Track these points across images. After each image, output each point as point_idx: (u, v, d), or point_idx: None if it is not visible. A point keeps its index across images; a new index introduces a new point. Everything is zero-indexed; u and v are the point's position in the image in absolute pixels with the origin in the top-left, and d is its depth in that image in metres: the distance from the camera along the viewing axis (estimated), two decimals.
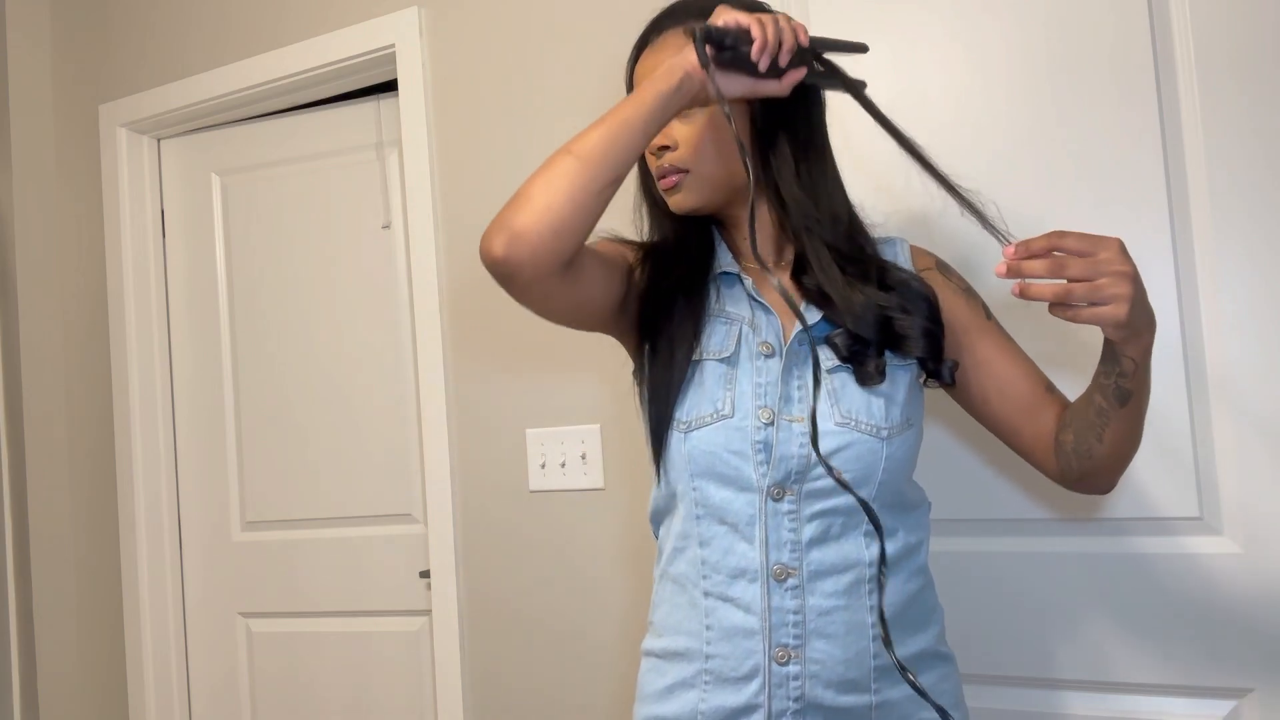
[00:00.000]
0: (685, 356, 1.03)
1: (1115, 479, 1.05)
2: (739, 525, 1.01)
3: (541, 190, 0.93)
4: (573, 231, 0.94)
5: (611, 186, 0.95)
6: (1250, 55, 1.25)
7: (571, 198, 0.93)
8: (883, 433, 1.01)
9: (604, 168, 0.94)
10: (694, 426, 1.02)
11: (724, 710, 1.01)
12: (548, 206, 0.92)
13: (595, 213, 0.95)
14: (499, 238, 0.93)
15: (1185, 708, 1.29)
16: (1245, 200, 1.25)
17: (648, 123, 0.96)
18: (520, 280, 0.95)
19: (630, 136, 0.95)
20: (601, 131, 0.95)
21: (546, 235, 0.92)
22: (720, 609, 1.02)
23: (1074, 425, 1.02)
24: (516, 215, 0.93)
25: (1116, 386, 0.94)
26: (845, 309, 1.01)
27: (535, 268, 0.94)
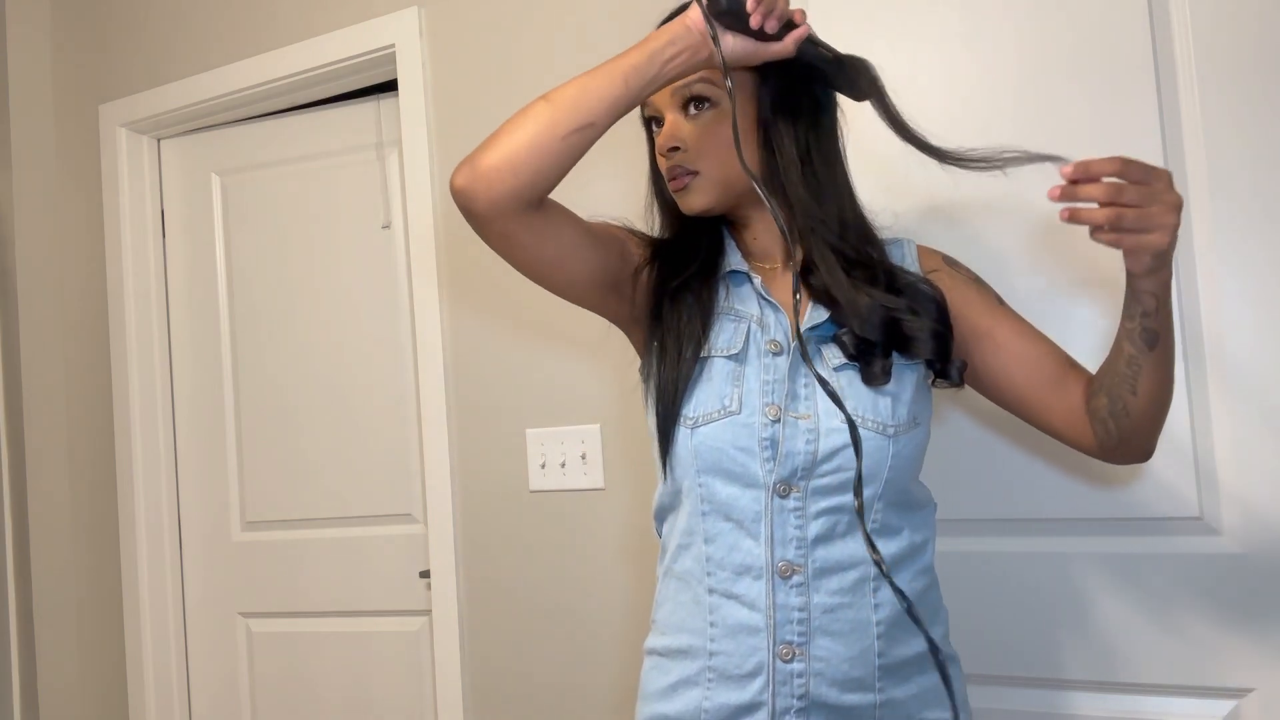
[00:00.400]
0: (694, 353, 1.03)
1: (1153, 440, 1.03)
2: (745, 522, 1.01)
3: (508, 129, 0.96)
4: (532, 171, 0.95)
5: (578, 133, 0.96)
6: (1250, 55, 1.25)
7: (534, 137, 0.95)
8: (889, 430, 1.01)
9: (572, 113, 0.95)
10: (701, 423, 1.02)
11: (728, 708, 1.01)
12: (510, 144, 0.95)
13: (558, 156, 0.96)
14: (462, 170, 0.96)
15: (1185, 708, 1.29)
16: (1245, 199, 1.25)
17: (630, 75, 0.96)
18: (476, 212, 0.97)
19: (609, 86, 0.96)
20: (582, 80, 0.97)
21: (505, 171, 0.95)
22: (725, 606, 1.02)
23: (1105, 386, 1.00)
24: (481, 151, 0.96)
25: (1143, 328, 0.94)
26: (851, 311, 1.01)
27: (489, 202, 0.96)
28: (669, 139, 1.06)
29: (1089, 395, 1.04)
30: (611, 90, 0.96)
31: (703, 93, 1.04)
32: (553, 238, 1.02)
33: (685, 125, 1.05)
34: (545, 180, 0.96)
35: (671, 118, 1.06)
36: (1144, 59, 1.31)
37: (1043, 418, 1.08)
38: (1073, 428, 1.06)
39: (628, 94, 0.96)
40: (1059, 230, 1.34)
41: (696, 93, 1.05)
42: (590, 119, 0.96)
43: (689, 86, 1.04)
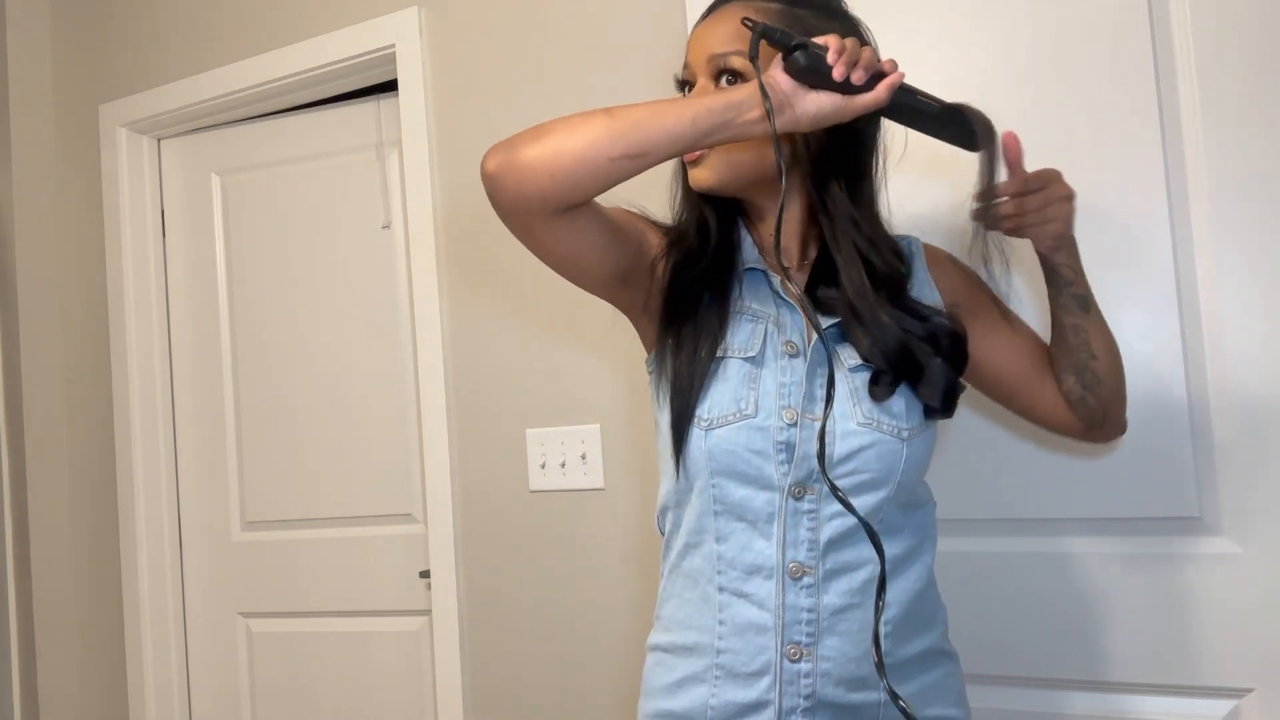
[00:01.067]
0: (710, 352, 1.02)
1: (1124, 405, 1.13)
2: (757, 523, 1.01)
3: (559, 130, 0.91)
4: (570, 183, 0.91)
5: (627, 160, 0.91)
6: (1250, 54, 1.25)
7: (583, 149, 0.90)
8: (904, 433, 1.00)
9: (630, 137, 0.90)
10: (715, 424, 1.00)
11: (734, 706, 1.01)
12: (557, 149, 0.90)
13: (602, 176, 0.91)
14: (498, 156, 0.92)
15: (1185, 708, 1.29)
16: (1245, 198, 1.25)
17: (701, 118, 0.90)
18: (500, 203, 0.94)
19: (676, 122, 0.90)
20: (651, 106, 0.92)
21: (541, 173, 0.91)
22: (734, 605, 1.02)
23: (1067, 365, 1.10)
24: (525, 143, 0.91)
25: (1072, 296, 1.05)
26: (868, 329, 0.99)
27: (517, 199, 0.93)
28: None
29: (1058, 379, 1.12)
30: (678, 127, 0.90)
31: (737, 67, 1.01)
32: (575, 239, 0.99)
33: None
34: (581, 194, 0.93)
35: (703, 84, 1.03)
36: (1143, 56, 1.31)
37: (1031, 407, 1.15)
38: (1057, 414, 1.14)
39: (693, 135, 0.91)
40: None
41: (731, 65, 1.01)
42: (646, 149, 0.91)
43: (725, 58, 1.01)
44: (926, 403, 1.01)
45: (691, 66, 1.05)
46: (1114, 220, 1.32)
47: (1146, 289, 1.30)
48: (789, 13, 1.01)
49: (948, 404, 1.03)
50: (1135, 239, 1.30)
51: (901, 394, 1.01)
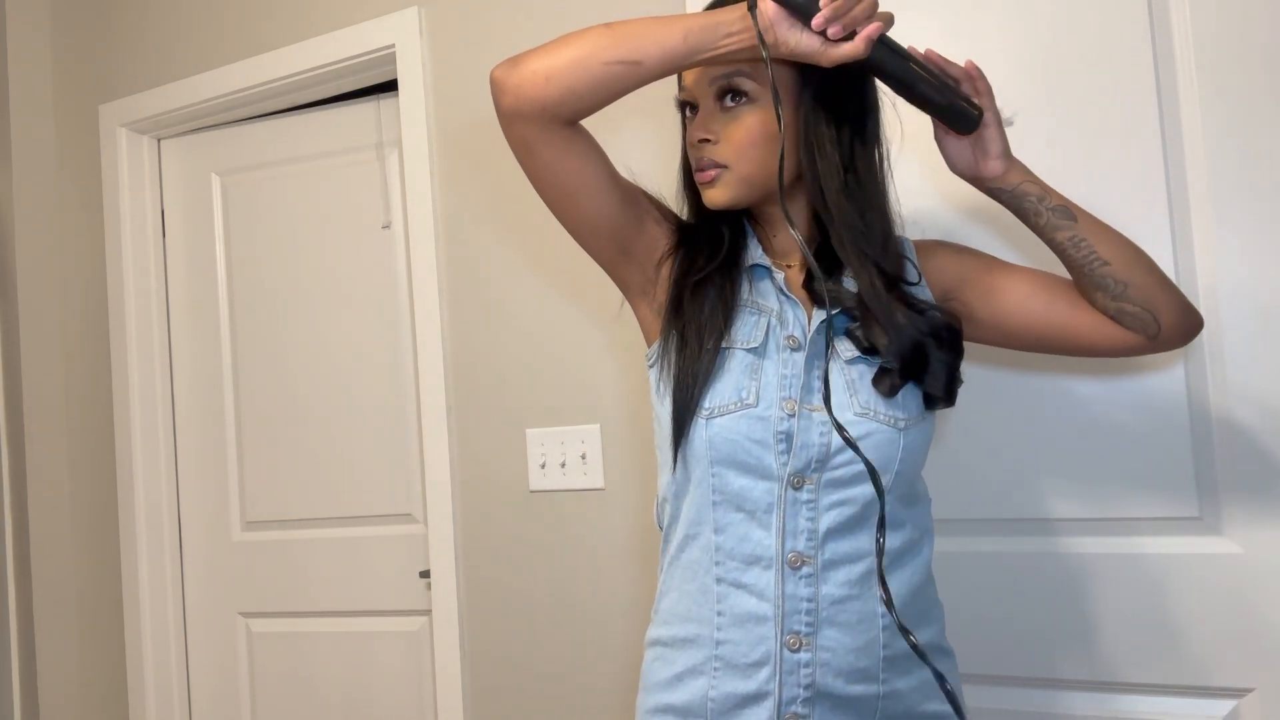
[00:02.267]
0: (715, 345, 1.03)
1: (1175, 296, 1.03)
2: (756, 513, 1.01)
3: (561, 40, 0.97)
4: (565, 86, 0.95)
5: (621, 65, 0.95)
6: (1250, 54, 1.25)
7: (580, 54, 0.95)
8: (900, 423, 1.01)
9: (625, 43, 0.94)
10: (717, 414, 1.02)
11: (734, 697, 1.01)
12: (555, 54, 0.96)
13: (596, 81, 0.95)
14: (506, 63, 0.98)
15: (1185, 708, 1.29)
16: (1244, 199, 1.25)
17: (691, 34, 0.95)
18: (501, 107, 0.98)
19: (668, 34, 0.94)
20: (645, 20, 0.96)
21: (539, 75, 0.95)
22: (733, 595, 1.02)
23: (1088, 283, 1.03)
24: (531, 53, 0.97)
25: (1051, 210, 1.03)
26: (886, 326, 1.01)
27: (515, 100, 0.97)
28: (701, 130, 1.04)
29: (1092, 304, 1.05)
30: (670, 39, 0.94)
31: (741, 86, 1.02)
32: (572, 162, 1.01)
33: (719, 117, 1.04)
34: (575, 99, 0.96)
35: (706, 106, 1.05)
36: (1143, 57, 1.31)
37: (1075, 339, 1.07)
38: (1109, 334, 1.05)
39: (684, 50, 0.95)
40: None
41: (735, 85, 1.02)
42: (640, 57, 0.95)
43: (729, 78, 1.02)
44: (931, 393, 1.03)
45: (690, 89, 1.07)
46: (1114, 220, 1.32)
47: None
48: None
49: (950, 392, 1.04)
50: (1135, 238, 1.30)
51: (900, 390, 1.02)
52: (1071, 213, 1.02)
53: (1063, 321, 1.06)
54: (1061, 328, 1.07)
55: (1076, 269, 1.03)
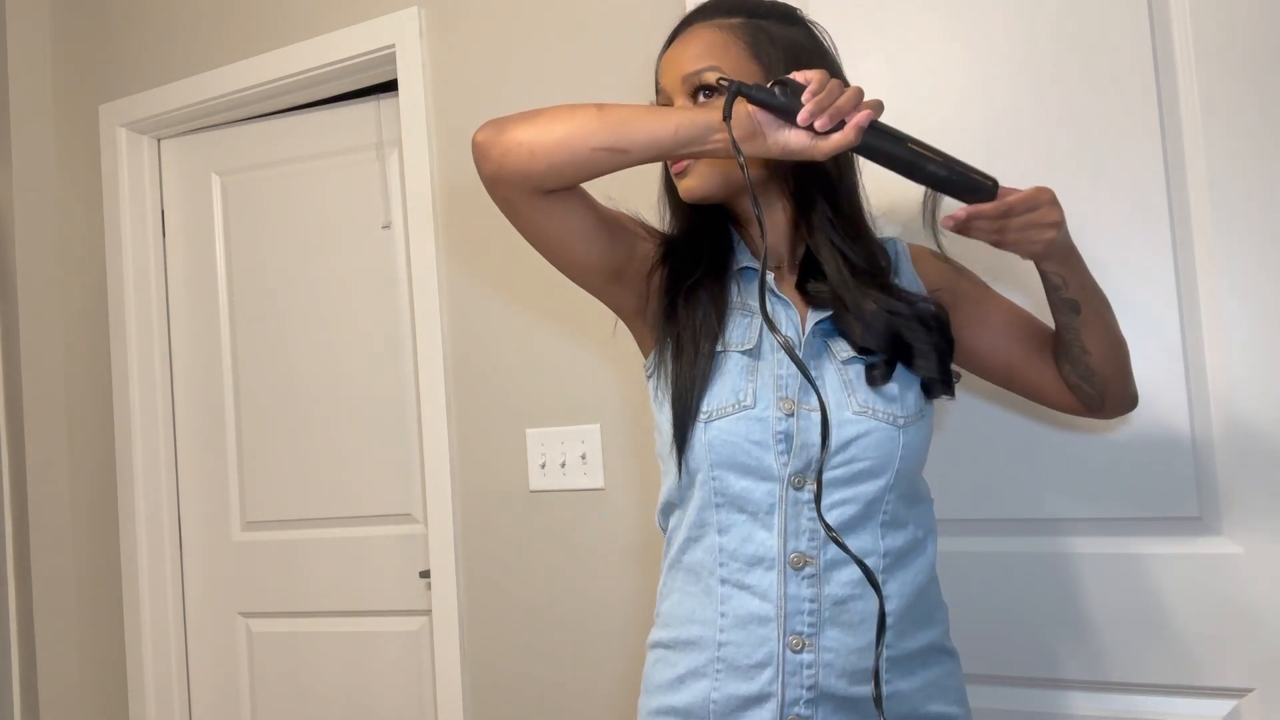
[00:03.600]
0: (710, 349, 1.04)
1: (1128, 386, 1.13)
2: (758, 514, 1.02)
3: (550, 114, 0.96)
4: (549, 164, 0.95)
5: (607, 152, 0.94)
6: (1250, 54, 1.25)
7: (568, 135, 0.94)
8: (899, 420, 1.02)
9: (615, 130, 0.94)
10: (715, 417, 1.03)
11: (736, 699, 1.01)
12: (542, 128, 0.95)
13: (581, 164, 0.95)
14: (489, 129, 0.97)
15: (1185, 708, 1.29)
16: (1245, 199, 1.25)
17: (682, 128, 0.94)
18: (483, 172, 0.98)
19: (660, 126, 0.94)
20: (639, 109, 0.95)
21: (524, 150, 0.95)
22: (736, 596, 1.02)
23: (1063, 355, 1.10)
24: (515, 120, 0.96)
25: (1061, 300, 1.05)
26: (856, 318, 1.03)
27: (499, 171, 0.97)
28: None
29: (1057, 364, 1.13)
30: (661, 131, 0.94)
31: (712, 83, 1.04)
32: (557, 220, 1.01)
33: None
34: (559, 178, 0.96)
35: (680, 103, 1.06)
36: (1144, 58, 1.31)
37: (1034, 388, 1.16)
38: (1058, 396, 1.15)
39: (673, 143, 0.94)
40: None
41: (706, 82, 1.04)
42: (627, 145, 0.94)
43: (699, 75, 1.04)
44: (924, 376, 1.04)
45: (666, 90, 1.08)
46: (1114, 220, 1.32)
47: (1146, 289, 1.30)
48: (752, 24, 1.06)
49: (945, 376, 1.05)
50: (1135, 239, 1.31)
51: (897, 381, 1.03)
52: (1077, 306, 1.05)
53: (1026, 368, 1.14)
54: (1023, 375, 1.15)
55: (1060, 341, 1.10)
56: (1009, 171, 1.37)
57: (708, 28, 1.07)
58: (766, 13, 1.08)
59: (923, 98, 1.43)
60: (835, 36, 1.44)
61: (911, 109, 1.43)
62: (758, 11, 1.08)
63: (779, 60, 1.04)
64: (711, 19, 1.08)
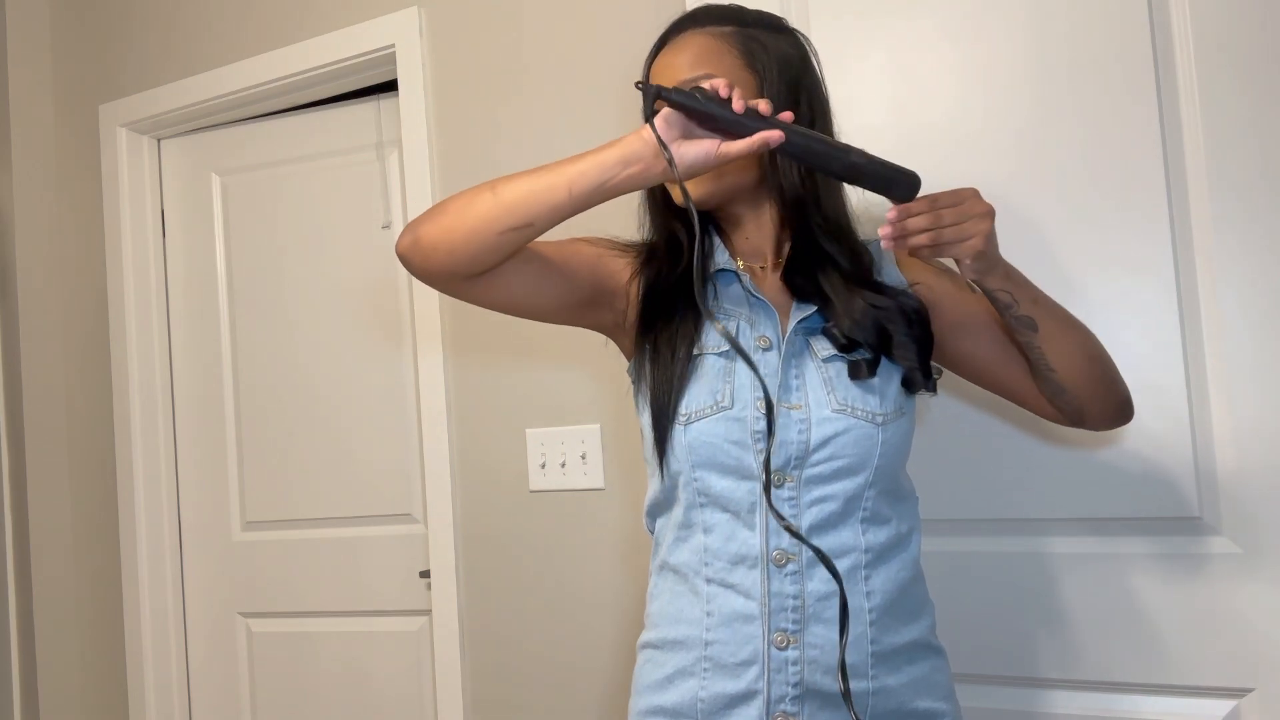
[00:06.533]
0: (686, 352, 1.05)
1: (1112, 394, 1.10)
2: (740, 513, 1.03)
3: (453, 213, 0.98)
4: (468, 257, 0.98)
5: (514, 233, 0.97)
6: (1250, 55, 1.25)
7: (473, 231, 0.97)
8: (878, 419, 1.03)
9: (513, 213, 0.96)
10: (694, 418, 1.04)
11: (724, 697, 1.02)
12: (449, 229, 0.98)
13: (494, 250, 0.98)
14: (406, 237, 1.00)
15: (1185, 708, 1.29)
16: (1245, 200, 1.25)
17: (575, 183, 0.95)
18: (416, 273, 1.02)
19: (552, 193, 0.96)
20: (530, 183, 0.97)
21: (441, 251, 0.98)
22: (721, 595, 1.03)
23: (1035, 372, 1.10)
24: (424, 223, 0.99)
25: (1015, 319, 1.03)
26: (844, 313, 1.04)
27: (426, 273, 1.01)
28: None
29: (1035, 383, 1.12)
30: (554, 197, 0.96)
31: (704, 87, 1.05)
32: (503, 289, 1.04)
33: None
34: (481, 264, 0.99)
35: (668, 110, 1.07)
36: (1144, 59, 1.31)
37: (1020, 398, 1.15)
38: (1042, 407, 1.14)
39: (571, 203, 0.96)
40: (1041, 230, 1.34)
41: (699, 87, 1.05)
42: (529, 220, 0.97)
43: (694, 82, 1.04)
44: (905, 367, 1.05)
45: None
46: (1114, 220, 1.32)
47: (1146, 289, 1.30)
48: (744, 33, 1.07)
49: (925, 369, 1.07)
50: (1136, 241, 1.31)
51: (879, 378, 1.04)
52: (1033, 323, 1.03)
53: (1008, 379, 1.13)
54: (1006, 383, 1.14)
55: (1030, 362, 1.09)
56: (1008, 173, 1.38)
57: (700, 35, 1.08)
58: (755, 21, 1.09)
59: (922, 98, 1.43)
60: (835, 38, 1.45)
61: (911, 109, 1.43)
62: (747, 20, 1.09)
63: (772, 69, 1.06)
64: (703, 26, 1.09)
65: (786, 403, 1.03)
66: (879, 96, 1.46)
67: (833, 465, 1.02)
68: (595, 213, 1.02)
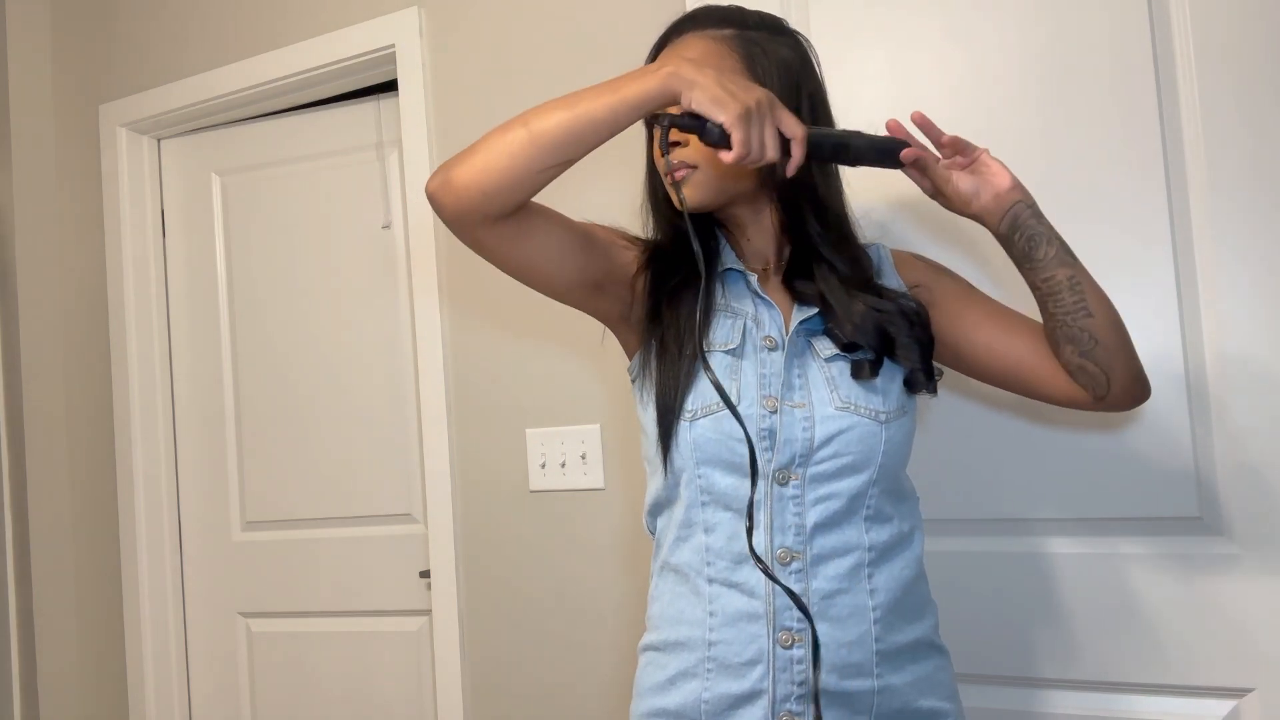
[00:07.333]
0: (694, 349, 1.05)
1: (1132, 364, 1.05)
2: (744, 511, 1.02)
3: (485, 151, 0.96)
4: (503, 197, 0.96)
5: (555, 169, 0.96)
6: (1250, 55, 1.25)
7: (509, 169, 0.95)
8: (881, 416, 1.03)
9: (552, 152, 0.95)
10: (699, 415, 1.04)
11: (728, 698, 1.02)
12: (484, 168, 0.95)
13: (532, 187, 0.97)
14: (436, 178, 0.98)
15: (1185, 708, 1.29)
16: (1245, 199, 1.25)
17: (612, 124, 0.95)
18: (445, 218, 1.00)
19: (591, 131, 0.95)
20: (563, 116, 0.95)
21: (474, 191, 0.96)
22: (724, 595, 1.03)
23: (1062, 332, 1.04)
24: (457, 164, 0.97)
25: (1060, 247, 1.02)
26: (845, 318, 1.05)
27: (457, 214, 0.98)
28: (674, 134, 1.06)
29: (1056, 349, 1.06)
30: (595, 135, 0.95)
31: None
32: (526, 243, 1.03)
33: None
34: (515, 202, 0.98)
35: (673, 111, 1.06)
36: (1144, 59, 1.31)
37: (1034, 384, 1.10)
38: (1060, 386, 1.08)
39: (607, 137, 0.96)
40: None
41: None
42: (572, 158, 0.96)
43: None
44: (907, 368, 1.05)
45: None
46: (1114, 220, 1.32)
47: (1146, 288, 1.30)
48: (745, 36, 1.07)
49: (927, 369, 1.06)
50: (1136, 241, 1.31)
51: (881, 378, 1.04)
52: (1071, 251, 1.03)
53: (1025, 366, 1.09)
54: (1018, 368, 1.10)
55: (1057, 316, 1.03)
56: None
57: (701, 38, 1.07)
58: (756, 23, 1.09)
59: (923, 98, 1.43)
60: (836, 37, 1.45)
61: (911, 109, 1.43)
62: (748, 23, 1.09)
63: (772, 73, 1.05)
64: (704, 29, 1.08)
65: (790, 401, 1.03)
66: (879, 96, 1.46)
67: (837, 463, 1.02)
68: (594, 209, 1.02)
